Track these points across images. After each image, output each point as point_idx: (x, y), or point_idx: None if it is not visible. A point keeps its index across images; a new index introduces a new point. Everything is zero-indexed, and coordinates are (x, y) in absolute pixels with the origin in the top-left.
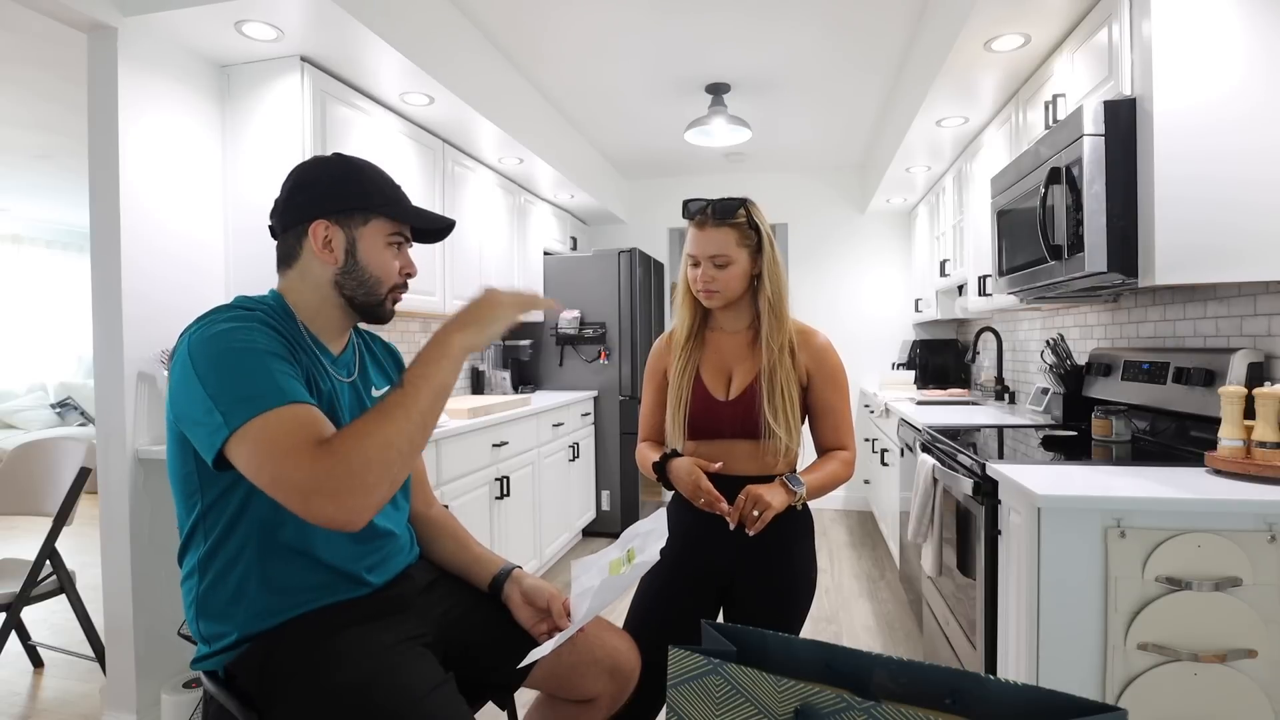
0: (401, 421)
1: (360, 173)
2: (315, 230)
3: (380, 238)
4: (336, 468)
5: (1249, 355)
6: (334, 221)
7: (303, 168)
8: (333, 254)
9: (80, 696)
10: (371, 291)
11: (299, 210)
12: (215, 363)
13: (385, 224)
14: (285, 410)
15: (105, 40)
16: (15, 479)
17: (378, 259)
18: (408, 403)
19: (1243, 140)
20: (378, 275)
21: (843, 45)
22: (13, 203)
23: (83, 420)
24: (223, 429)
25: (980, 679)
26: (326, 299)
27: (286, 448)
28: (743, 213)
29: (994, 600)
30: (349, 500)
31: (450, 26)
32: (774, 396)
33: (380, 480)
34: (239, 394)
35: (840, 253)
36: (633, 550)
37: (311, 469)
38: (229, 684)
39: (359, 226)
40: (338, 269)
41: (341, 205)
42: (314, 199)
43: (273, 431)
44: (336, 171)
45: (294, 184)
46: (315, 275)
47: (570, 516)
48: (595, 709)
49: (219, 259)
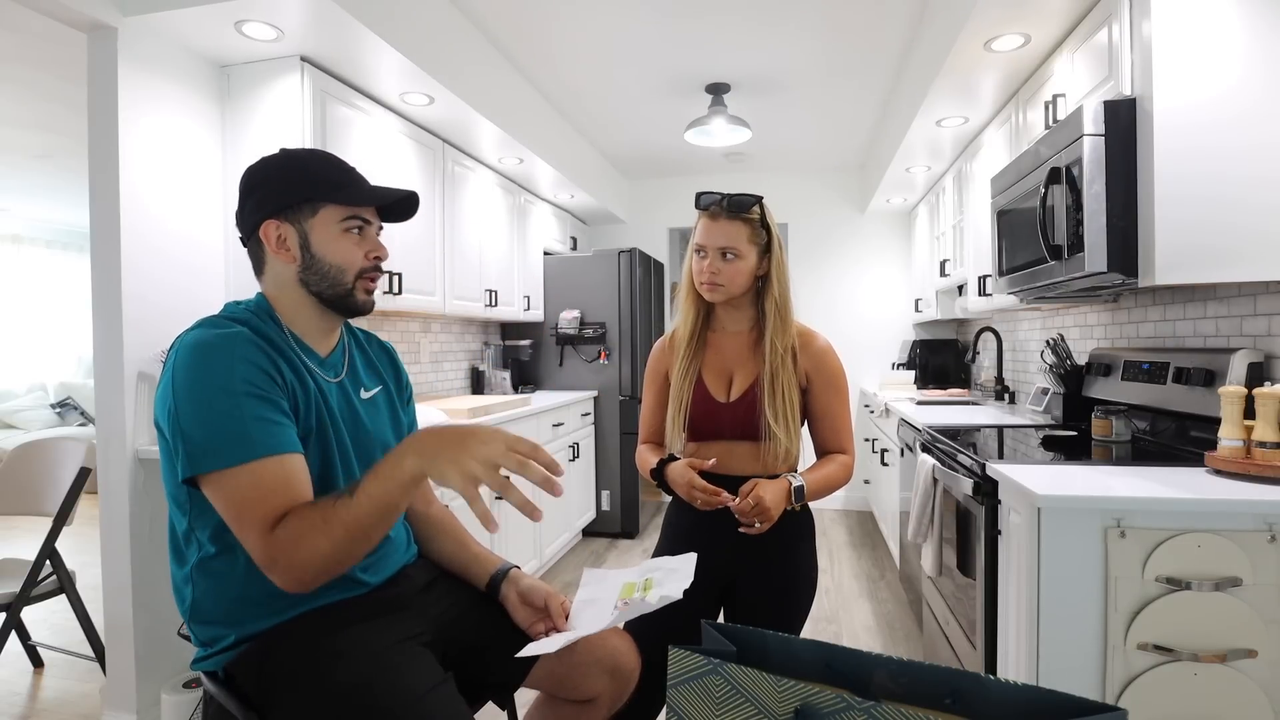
0: (339, 534)
1: (301, 163)
2: (266, 231)
3: (333, 226)
4: (280, 559)
5: (1249, 355)
6: (283, 219)
7: (249, 171)
8: (289, 252)
9: (80, 696)
10: (336, 282)
11: (250, 215)
12: (191, 395)
13: (336, 210)
14: (247, 471)
15: (105, 40)
16: (15, 479)
17: (335, 247)
18: (348, 517)
19: (1243, 140)
20: (338, 264)
21: (843, 45)
22: (13, 203)
23: (83, 420)
24: (185, 469)
25: (980, 679)
26: (298, 299)
27: (243, 518)
28: (757, 210)
29: (994, 600)
30: (290, 583)
31: (450, 26)
32: (775, 399)
33: (315, 579)
34: (205, 442)
35: (840, 253)
36: (651, 581)
37: (260, 547)
38: (229, 684)
39: (308, 219)
40: (298, 266)
41: (286, 200)
42: (261, 200)
43: (232, 494)
44: (278, 168)
45: (244, 189)
46: (282, 277)
47: (570, 516)
48: (595, 709)
49: (219, 259)
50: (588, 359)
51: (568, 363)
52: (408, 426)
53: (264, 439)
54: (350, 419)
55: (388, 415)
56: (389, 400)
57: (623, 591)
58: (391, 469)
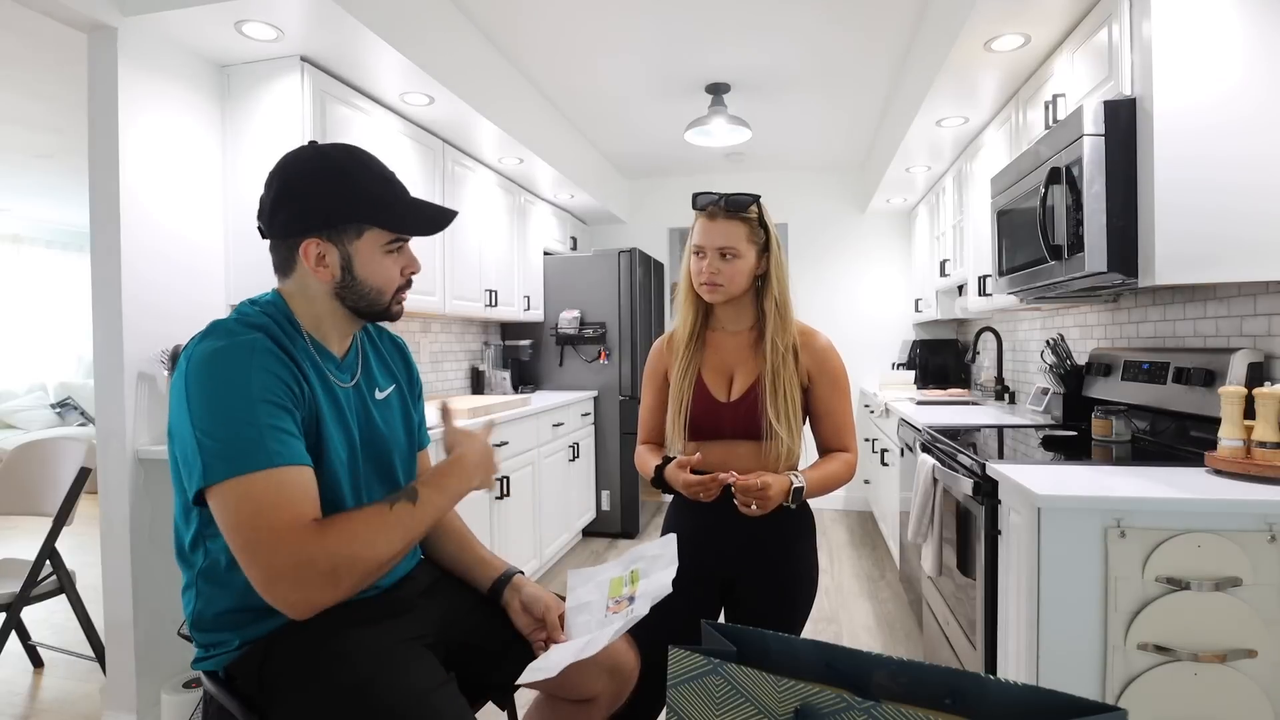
0: (399, 537)
1: (348, 179)
2: (307, 250)
3: (377, 248)
4: (318, 560)
5: (1249, 355)
6: (325, 239)
7: (287, 172)
8: (328, 270)
9: (80, 696)
10: (374, 301)
11: (285, 226)
12: (206, 401)
13: (382, 234)
14: (265, 477)
15: (105, 40)
16: (15, 479)
17: (376, 269)
18: (412, 522)
19: (1243, 140)
20: (378, 286)
21: (843, 45)
22: (13, 203)
23: (83, 420)
24: (199, 480)
25: (980, 679)
26: (328, 308)
27: (266, 525)
28: (754, 209)
29: (994, 600)
30: (314, 594)
31: (450, 26)
32: (777, 398)
33: (354, 584)
34: (222, 448)
35: (840, 252)
36: (637, 571)
37: (290, 553)
38: (229, 684)
39: (352, 240)
40: (335, 283)
41: (332, 220)
42: (301, 214)
43: (253, 502)
44: (323, 180)
45: (279, 192)
46: (313, 288)
47: (570, 517)
48: (595, 708)
49: (219, 259)
50: (588, 359)
51: (568, 363)
52: (418, 424)
53: (280, 448)
54: (365, 422)
55: (400, 415)
56: (401, 399)
57: (611, 589)
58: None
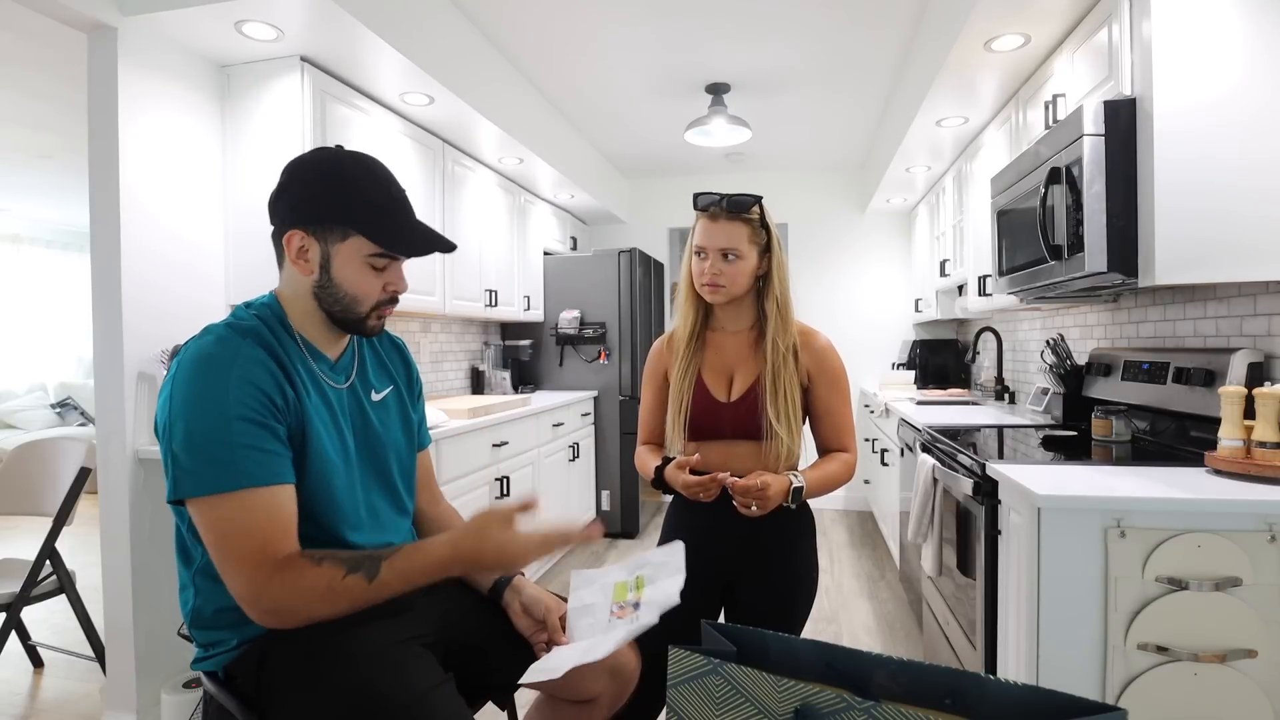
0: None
1: (349, 183)
2: (290, 240)
3: (358, 257)
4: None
5: (1249, 355)
6: (309, 233)
7: (295, 165)
8: (307, 264)
9: (80, 696)
10: (349, 309)
11: (279, 214)
12: (184, 415)
13: (366, 244)
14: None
15: (105, 40)
16: (15, 479)
17: (354, 278)
18: (360, 597)
19: (1243, 140)
20: (354, 294)
21: (843, 45)
22: (13, 203)
23: (83, 420)
24: (170, 492)
25: (980, 679)
26: (310, 308)
27: (225, 549)
28: (756, 210)
29: (994, 600)
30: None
31: (450, 26)
32: (777, 398)
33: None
34: (193, 464)
35: (840, 252)
36: (642, 577)
37: (244, 583)
38: (229, 684)
39: (336, 242)
40: (313, 280)
41: (319, 215)
42: (292, 205)
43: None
44: (322, 176)
45: (282, 182)
46: (297, 284)
47: (570, 517)
48: (595, 709)
49: (218, 259)
50: (588, 359)
51: (568, 363)
52: (417, 424)
53: (251, 469)
54: (360, 424)
55: (398, 416)
56: (399, 400)
57: (615, 593)
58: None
